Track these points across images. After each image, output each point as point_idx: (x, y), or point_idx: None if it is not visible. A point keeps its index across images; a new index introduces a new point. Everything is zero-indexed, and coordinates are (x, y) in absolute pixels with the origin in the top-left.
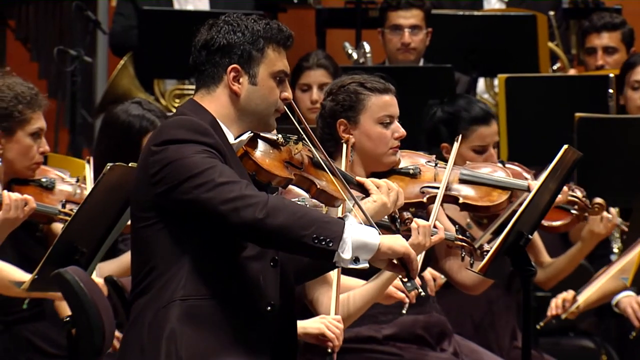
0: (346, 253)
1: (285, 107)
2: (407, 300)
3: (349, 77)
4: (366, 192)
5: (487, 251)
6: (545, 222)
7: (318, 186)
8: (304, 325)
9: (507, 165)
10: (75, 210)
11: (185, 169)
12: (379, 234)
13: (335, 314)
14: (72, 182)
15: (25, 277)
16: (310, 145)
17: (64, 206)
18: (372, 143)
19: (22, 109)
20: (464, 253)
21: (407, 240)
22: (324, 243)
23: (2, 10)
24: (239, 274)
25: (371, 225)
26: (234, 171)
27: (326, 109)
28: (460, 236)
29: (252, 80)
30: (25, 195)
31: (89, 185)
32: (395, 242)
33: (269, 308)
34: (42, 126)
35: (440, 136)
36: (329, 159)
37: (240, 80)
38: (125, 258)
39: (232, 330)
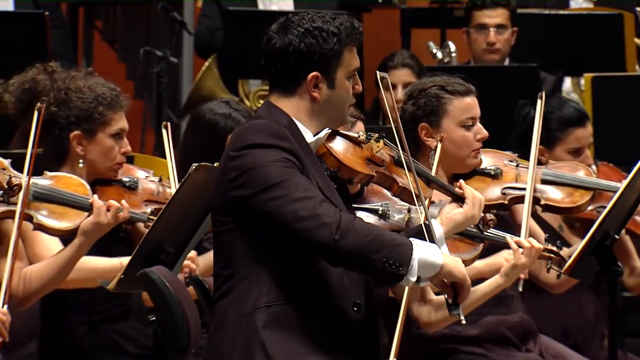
0: (412, 275)
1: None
2: None
3: (430, 80)
4: (458, 198)
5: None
6: None
7: (400, 184)
8: None
9: (600, 165)
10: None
11: (262, 179)
12: (441, 253)
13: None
14: (155, 180)
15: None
16: (398, 147)
17: (153, 212)
18: (455, 146)
19: (102, 110)
20: (550, 264)
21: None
22: (393, 267)
23: (89, 12)
24: (322, 276)
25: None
26: (310, 182)
27: (407, 113)
28: (548, 246)
29: (330, 84)
30: (123, 202)
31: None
32: (456, 267)
33: (355, 308)
34: (124, 127)
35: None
36: (411, 158)
37: (320, 85)
38: (210, 256)
39: (320, 332)
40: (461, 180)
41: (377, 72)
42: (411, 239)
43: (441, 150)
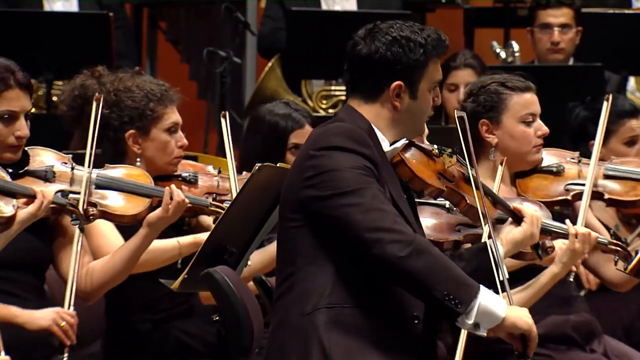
0: (469, 319)
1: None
2: None
3: (489, 77)
4: (517, 219)
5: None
6: None
7: (468, 201)
8: None
9: None
10: (225, 204)
11: (339, 183)
12: (505, 306)
13: None
14: (214, 174)
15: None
16: (467, 165)
17: (214, 199)
18: (516, 142)
19: (153, 106)
20: (617, 258)
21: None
22: (452, 303)
23: (153, 13)
24: (385, 284)
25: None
26: (386, 196)
27: (467, 110)
28: (614, 240)
29: (412, 95)
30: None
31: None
32: (521, 318)
33: (415, 321)
34: (177, 120)
35: (587, 134)
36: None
37: (402, 95)
38: (271, 248)
39: (378, 338)
40: (514, 204)
41: (455, 111)
42: (481, 285)
43: (502, 172)
